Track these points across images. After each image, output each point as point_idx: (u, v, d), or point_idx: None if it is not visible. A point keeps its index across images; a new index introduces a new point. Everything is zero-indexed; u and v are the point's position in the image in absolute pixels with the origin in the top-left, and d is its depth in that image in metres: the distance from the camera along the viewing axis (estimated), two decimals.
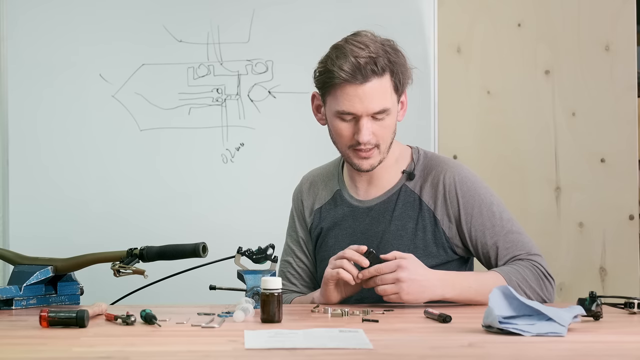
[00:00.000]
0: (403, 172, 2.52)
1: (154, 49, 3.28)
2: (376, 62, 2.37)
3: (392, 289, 2.27)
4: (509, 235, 2.46)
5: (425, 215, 2.47)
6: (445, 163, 2.52)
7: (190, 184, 3.29)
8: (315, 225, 2.58)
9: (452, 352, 1.80)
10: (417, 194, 2.49)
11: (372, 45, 2.39)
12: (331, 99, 2.42)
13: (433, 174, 2.49)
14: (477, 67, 3.76)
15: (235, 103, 3.30)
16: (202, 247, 2.36)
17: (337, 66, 2.37)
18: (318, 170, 2.66)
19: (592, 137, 3.76)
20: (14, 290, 2.36)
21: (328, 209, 2.57)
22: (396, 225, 2.48)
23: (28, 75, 3.27)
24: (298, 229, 2.62)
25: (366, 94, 2.37)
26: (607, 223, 3.76)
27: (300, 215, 2.62)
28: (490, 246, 2.45)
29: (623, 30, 3.75)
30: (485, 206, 2.46)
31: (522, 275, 2.39)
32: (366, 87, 2.37)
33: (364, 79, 2.36)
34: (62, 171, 3.28)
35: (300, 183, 2.67)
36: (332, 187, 2.59)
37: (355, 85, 2.37)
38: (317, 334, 1.91)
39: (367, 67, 2.36)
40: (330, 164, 2.66)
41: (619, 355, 1.78)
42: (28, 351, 1.82)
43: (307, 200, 2.61)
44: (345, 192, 2.56)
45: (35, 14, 3.27)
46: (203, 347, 1.84)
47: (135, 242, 2.48)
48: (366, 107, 2.38)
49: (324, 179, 2.62)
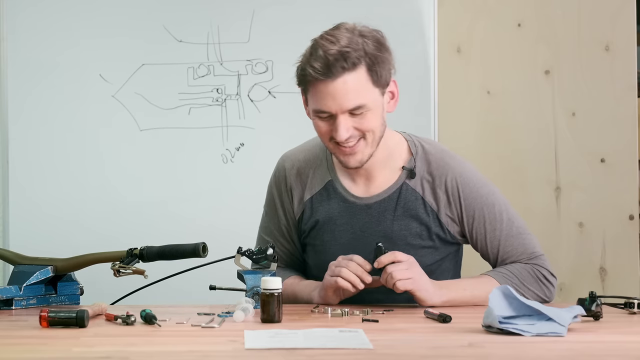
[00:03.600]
0: (402, 168, 2.46)
1: (154, 49, 3.28)
2: (346, 57, 2.28)
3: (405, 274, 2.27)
4: (510, 239, 2.44)
5: (430, 215, 2.44)
6: (447, 162, 2.46)
7: (190, 184, 3.29)
8: (308, 217, 2.50)
9: (452, 352, 1.80)
10: (419, 193, 2.44)
11: (345, 39, 2.31)
12: (309, 96, 2.36)
13: (435, 173, 2.45)
14: (477, 67, 3.76)
15: (235, 103, 3.30)
16: (202, 247, 2.35)
17: (308, 64, 2.31)
18: (301, 154, 2.55)
19: (592, 137, 3.76)
20: (14, 290, 2.36)
21: (320, 200, 2.49)
22: (399, 225, 2.44)
23: (28, 75, 3.27)
24: (281, 217, 2.54)
25: (338, 90, 2.29)
26: (607, 223, 3.76)
27: (288, 202, 2.53)
28: (491, 250, 2.45)
29: (623, 30, 3.75)
30: (487, 208, 2.44)
31: (519, 279, 2.39)
32: (337, 84, 2.29)
33: (334, 75, 2.28)
34: (62, 171, 3.27)
35: (281, 168, 2.55)
36: (322, 176, 2.50)
37: (325, 82, 2.29)
38: (317, 334, 1.91)
39: (336, 63, 2.28)
40: (313, 145, 2.55)
41: (619, 355, 1.78)
42: (28, 351, 1.82)
43: (296, 189, 2.51)
44: (338, 184, 2.48)
45: (35, 14, 3.27)
46: (203, 347, 1.84)
47: (135, 242, 2.48)
48: (340, 105, 2.30)
49: (311, 165, 2.52)
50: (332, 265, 2.34)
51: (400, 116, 3.27)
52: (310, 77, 2.31)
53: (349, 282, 2.29)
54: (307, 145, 2.57)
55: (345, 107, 2.31)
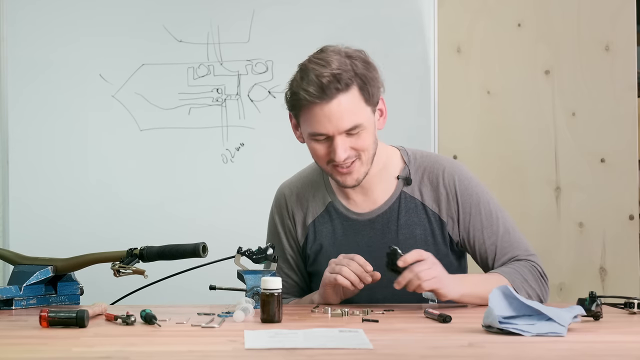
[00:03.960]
0: (397, 177, 2.48)
1: (154, 49, 3.28)
2: (339, 79, 2.31)
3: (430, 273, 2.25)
4: (506, 235, 2.45)
5: (432, 220, 2.45)
6: (440, 163, 2.49)
7: (190, 184, 3.29)
8: (312, 241, 2.51)
9: (452, 352, 1.80)
10: (418, 199, 2.46)
11: (335, 62, 2.33)
12: (303, 120, 2.38)
13: (430, 175, 2.46)
14: (477, 67, 3.76)
15: (235, 103, 3.30)
16: (202, 247, 2.36)
17: (301, 88, 2.32)
18: (299, 181, 2.57)
19: (592, 137, 3.76)
20: (14, 290, 2.36)
21: (322, 222, 2.51)
22: (404, 235, 2.45)
23: (28, 75, 3.27)
24: (285, 246, 2.54)
25: (333, 112, 2.32)
26: (607, 223, 3.76)
27: (290, 230, 2.54)
28: (489, 246, 2.45)
29: (623, 30, 3.75)
30: (483, 204, 2.46)
31: (523, 277, 2.39)
32: (332, 106, 2.31)
33: (329, 97, 2.30)
34: (62, 171, 3.28)
35: (281, 195, 2.57)
36: (322, 199, 2.52)
37: (321, 105, 2.32)
38: (317, 334, 1.91)
39: (330, 85, 2.30)
40: (309, 172, 2.58)
41: (619, 355, 1.78)
42: (28, 351, 1.82)
43: (298, 214, 2.53)
44: (338, 204, 2.50)
45: (35, 14, 3.27)
46: (203, 347, 1.84)
47: (135, 242, 2.48)
48: (336, 126, 2.32)
49: (309, 189, 2.54)
50: (333, 263, 2.33)
51: (401, 116, 3.28)
52: (304, 102, 2.33)
53: (348, 281, 2.29)
54: (302, 173, 2.60)
55: (342, 127, 2.33)
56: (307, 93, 2.31)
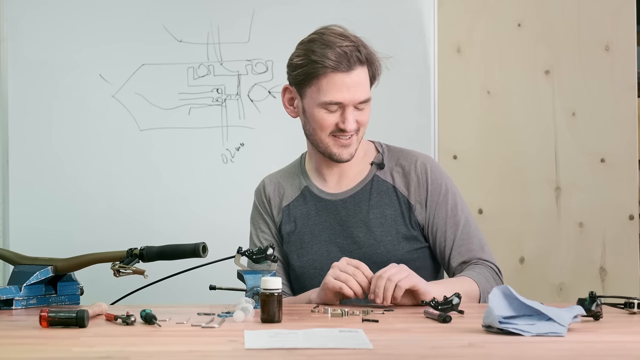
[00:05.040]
0: (372, 163, 2.56)
1: (154, 49, 3.28)
2: (360, 51, 2.41)
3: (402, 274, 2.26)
4: (466, 227, 2.52)
5: (402, 202, 2.52)
6: (414, 154, 2.57)
7: (190, 184, 3.29)
8: (285, 222, 2.58)
9: (452, 352, 1.80)
10: (390, 182, 2.54)
11: (352, 37, 2.43)
12: (314, 90, 2.43)
13: (403, 163, 2.55)
14: (477, 67, 3.76)
15: (235, 103, 3.30)
16: (202, 247, 2.35)
17: (322, 56, 2.39)
18: (279, 173, 2.67)
19: (592, 137, 3.76)
20: (14, 290, 2.36)
21: (297, 205, 2.58)
22: (375, 214, 2.52)
23: (28, 75, 3.27)
24: (266, 230, 2.62)
25: (353, 81, 2.41)
26: (607, 223, 3.76)
27: (269, 213, 2.62)
28: (448, 235, 2.52)
29: (623, 30, 3.75)
30: (451, 196, 2.53)
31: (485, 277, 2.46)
32: (352, 75, 2.41)
33: (350, 66, 2.40)
34: (61, 171, 3.28)
35: (262, 185, 2.66)
36: (298, 184, 2.60)
37: (342, 74, 2.40)
38: (317, 334, 1.91)
39: (352, 54, 2.40)
40: (289, 165, 2.68)
41: (619, 355, 1.78)
42: (28, 351, 1.82)
43: (275, 199, 2.61)
44: (313, 187, 2.58)
45: (36, 15, 3.27)
46: (203, 347, 1.84)
47: (135, 242, 2.48)
48: (353, 96, 2.41)
49: (287, 178, 2.63)
50: (336, 268, 2.33)
51: (401, 116, 3.28)
52: (327, 69, 2.39)
53: (352, 291, 2.30)
54: (284, 167, 2.69)
55: (358, 98, 2.43)
56: (330, 60, 2.38)
